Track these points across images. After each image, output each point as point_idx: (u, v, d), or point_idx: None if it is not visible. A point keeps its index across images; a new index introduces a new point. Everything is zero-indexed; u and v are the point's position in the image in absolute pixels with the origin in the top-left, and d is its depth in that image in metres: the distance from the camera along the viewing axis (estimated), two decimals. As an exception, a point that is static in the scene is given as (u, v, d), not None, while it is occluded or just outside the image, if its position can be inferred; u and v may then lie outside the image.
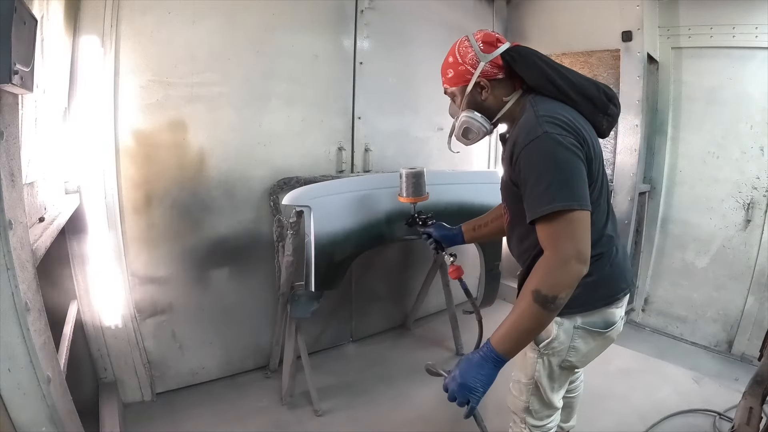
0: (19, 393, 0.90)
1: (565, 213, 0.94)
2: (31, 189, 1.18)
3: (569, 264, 0.94)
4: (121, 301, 1.89)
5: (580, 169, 0.98)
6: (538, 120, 1.00)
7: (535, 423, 1.26)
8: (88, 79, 1.70)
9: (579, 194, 0.96)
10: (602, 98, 1.11)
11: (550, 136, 0.97)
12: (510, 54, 1.11)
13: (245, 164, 2.13)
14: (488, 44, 1.13)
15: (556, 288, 0.95)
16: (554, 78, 1.08)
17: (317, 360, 2.36)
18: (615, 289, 1.15)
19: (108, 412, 1.78)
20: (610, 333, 1.17)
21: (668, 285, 2.87)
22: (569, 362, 1.18)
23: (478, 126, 1.17)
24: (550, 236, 0.97)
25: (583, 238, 0.96)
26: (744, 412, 1.28)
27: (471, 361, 1.02)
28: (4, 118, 0.84)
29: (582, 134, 1.02)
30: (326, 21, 2.30)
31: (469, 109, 1.17)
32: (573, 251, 0.95)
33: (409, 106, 2.69)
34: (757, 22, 2.35)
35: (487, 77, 1.13)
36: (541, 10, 3.01)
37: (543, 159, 0.97)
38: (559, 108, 1.05)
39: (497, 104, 1.16)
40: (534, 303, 0.96)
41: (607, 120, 1.14)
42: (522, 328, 0.99)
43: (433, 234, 1.60)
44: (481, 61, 1.11)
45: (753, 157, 2.47)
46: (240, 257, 2.19)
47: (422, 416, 2.03)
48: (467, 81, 1.14)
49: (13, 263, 0.84)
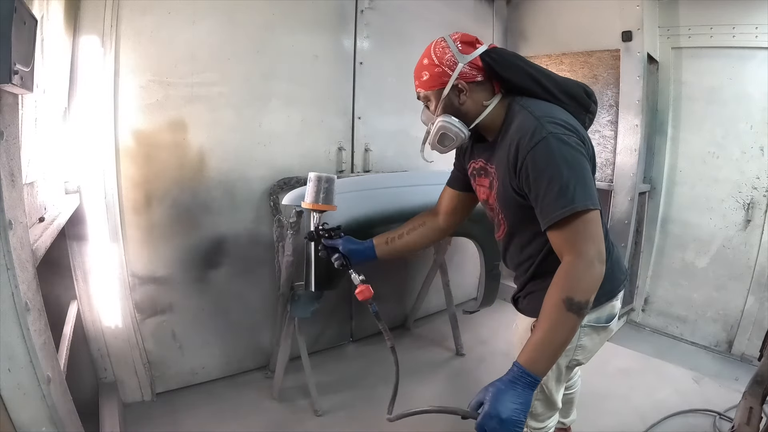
0: (19, 393, 0.90)
1: (582, 214, 0.92)
2: (31, 189, 1.18)
3: (594, 266, 0.92)
4: (121, 301, 1.89)
5: (588, 168, 0.97)
6: (538, 121, 0.97)
7: (537, 426, 1.27)
8: (88, 79, 1.70)
9: (592, 194, 0.94)
10: (584, 96, 1.10)
11: (556, 137, 0.94)
12: (490, 55, 1.06)
13: (245, 164, 2.13)
14: (467, 44, 1.07)
15: (587, 292, 0.91)
16: (539, 78, 1.05)
17: (317, 360, 2.36)
18: (616, 283, 1.17)
19: (108, 412, 1.78)
20: (611, 324, 1.20)
21: (668, 285, 2.87)
22: (576, 360, 1.19)
23: (456, 131, 1.09)
24: (569, 239, 0.94)
25: (600, 238, 0.94)
26: (744, 412, 1.28)
27: (502, 391, 0.90)
28: (4, 118, 0.84)
29: (581, 133, 1.01)
30: (326, 21, 2.30)
31: (445, 114, 1.10)
32: (595, 252, 0.92)
33: (409, 106, 2.67)
34: (757, 22, 2.35)
35: (465, 80, 1.06)
36: (541, 10, 3.01)
37: (553, 160, 0.93)
38: (552, 108, 1.03)
39: (476, 109, 1.09)
40: (568, 312, 0.90)
41: (589, 118, 1.13)
42: (557, 341, 0.92)
43: (341, 248, 1.35)
44: (460, 62, 1.05)
45: (753, 157, 2.47)
46: (240, 257, 2.19)
47: (422, 416, 2.02)
48: (444, 84, 1.07)
49: (13, 263, 0.84)
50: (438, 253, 2.58)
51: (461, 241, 2.71)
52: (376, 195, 2.06)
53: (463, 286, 3.15)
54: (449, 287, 2.58)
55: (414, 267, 2.86)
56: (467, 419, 0.95)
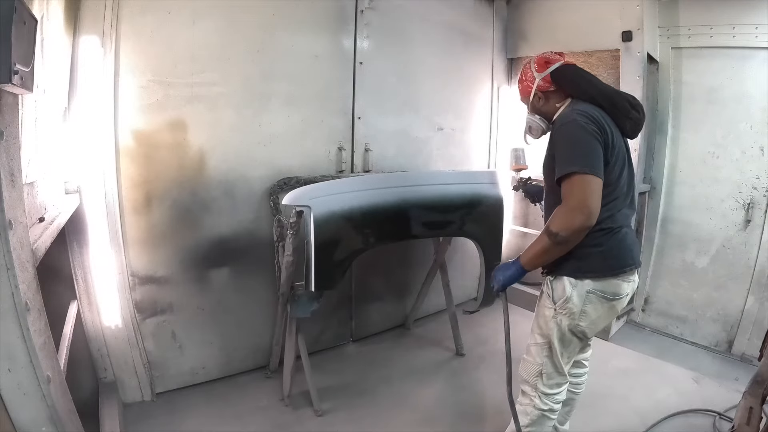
0: (19, 393, 0.90)
1: (578, 174, 1.25)
2: (31, 189, 1.18)
3: (573, 211, 1.25)
4: (121, 301, 1.89)
5: (595, 147, 1.28)
6: (572, 112, 1.35)
7: (545, 390, 1.44)
8: (88, 79, 1.70)
9: (592, 164, 1.26)
10: (625, 105, 1.40)
11: (578, 122, 1.30)
12: (559, 71, 1.46)
13: (245, 164, 2.13)
14: (540, 65, 1.49)
15: (559, 227, 1.27)
16: (589, 90, 1.41)
17: (317, 360, 2.36)
18: (622, 263, 1.37)
19: (108, 412, 1.78)
20: (615, 303, 1.40)
21: (668, 285, 2.87)
22: (580, 327, 1.38)
23: (537, 125, 1.54)
24: (565, 191, 1.27)
25: (588, 195, 1.24)
26: (744, 412, 1.28)
27: (504, 265, 1.47)
28: (4, 118, 0.84)
29: (603, 126, 1.32)
30: (326, 21, 2.30)
31: (531, 113, 1.55)
32: (577, 203, 1.25)
33: (409, 106, 2.69)
34: (757, 22, 2.36)
35: (541, 90, 1.49)
36: (541, 10, 3.01)
37: (570, 136, 1.31)
38: (590, 107, 1.36)
39: (551, 109, 1.50)
40: (546, 236, 1.30)
41: (629, 122, 1.41)
42: (536, 250, 1.35)
43: (531, 191, 1.93)
44: (536, 78, 1.48)
45: (753, 157, 2.47)
46: (240, 257, 2.19)
47: (422, 416, 2.03)
48: (529, 93, 1.51)
49: (13, 263, 0.84)
50: (438, 253, 2.58)
51: (461, 241, 2.71)
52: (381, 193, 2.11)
53: (463, 286, 3.15)
54: (449, 287, 2.58)
55: (414, 267, 2.85)
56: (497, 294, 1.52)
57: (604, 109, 1.38)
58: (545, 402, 1.45)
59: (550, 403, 1.45)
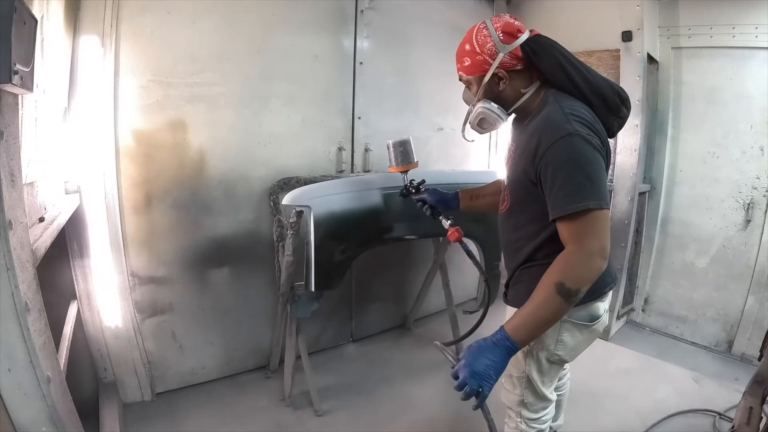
0: (19, 393, 0.90)
1: (593, 211, 0.96)
2: (31, 189, 1.18)
3: (593, 259, 0.97)
4: (121, 301, 1.89)
5: (604, 169, 1.03)
6: (566, 117, 1.01)
7: (530, 416, 1.29)
8: (88, 79, 1.70)
9: (605, 193, 0.99)
10: (616, 100, 1.11)
11: (581, 136, 0.98)
12: (530, 46, 1.08)
13: (245, 164, 2.13)
14: (508, 34, 1.08)
15: (579, 281, 0.97)
16: (573, 76, 1.07)
17: (317, 360, 2.37)
18: (601, 285, 1.16)
19: (108, 412, 1.78)
20: (595, 326, 1.20)
21: (668, 285, 2.87)
22: (557, 356, 1.19)
23: (495, 117, 1.16)
24: (575, 232, 0.99)
25: (606, 236, 0.99)
26: (744, 412, 1.28)
27: (483, 348, 0.99)
28: (4, 118, 0.84)
29: (601, 136, 1.05)
30: (326, 21, 2.30)
31: (485, 100, 1.16)
32: (598, 247, 0.97)
33: (409, 106, 2.69)
34: (757, 22, 2.35)
35: (505, 68, 1.10)
36: (541, 10, 3.01)
37: (575, 158, 0.98)
38: (581, 106, 1.06)
39: (514, 95, 1.14)
40: (557, 295, 0.96)
41: (617, 122, 1.14)
42: (540, 318, 0.99)
43: (428, 199, 1.56)
44: (500, 52, 1.08)
45: (753, 157, 2.47)
46: (240, 257, 2.19)
47: (422, 416, 2.03)
48: (485, 71, 1.11)
49: (13, 263, 0.84)
50: (438, 253, 2.58)
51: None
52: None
53: (463, 286, 3.15)
54: (449, 287, 2.58)
55: (414, 267, 2.85)
56: (477, 410, 1.00)
57: (591, 106, 1.08)
58: (532, 426, 1.30)
59: (537, 426, 1.31)
